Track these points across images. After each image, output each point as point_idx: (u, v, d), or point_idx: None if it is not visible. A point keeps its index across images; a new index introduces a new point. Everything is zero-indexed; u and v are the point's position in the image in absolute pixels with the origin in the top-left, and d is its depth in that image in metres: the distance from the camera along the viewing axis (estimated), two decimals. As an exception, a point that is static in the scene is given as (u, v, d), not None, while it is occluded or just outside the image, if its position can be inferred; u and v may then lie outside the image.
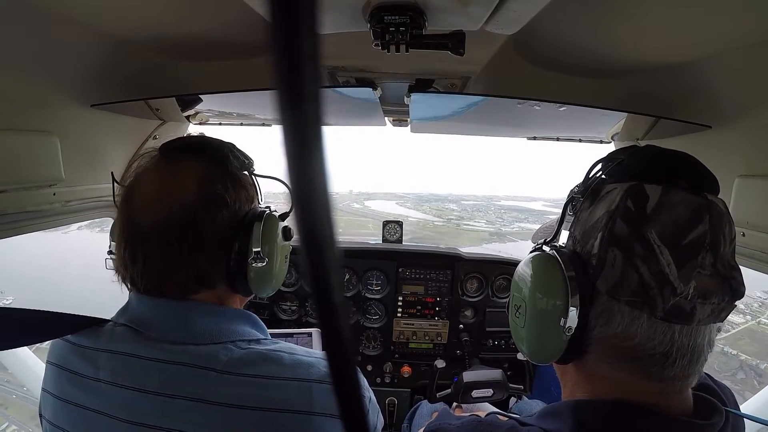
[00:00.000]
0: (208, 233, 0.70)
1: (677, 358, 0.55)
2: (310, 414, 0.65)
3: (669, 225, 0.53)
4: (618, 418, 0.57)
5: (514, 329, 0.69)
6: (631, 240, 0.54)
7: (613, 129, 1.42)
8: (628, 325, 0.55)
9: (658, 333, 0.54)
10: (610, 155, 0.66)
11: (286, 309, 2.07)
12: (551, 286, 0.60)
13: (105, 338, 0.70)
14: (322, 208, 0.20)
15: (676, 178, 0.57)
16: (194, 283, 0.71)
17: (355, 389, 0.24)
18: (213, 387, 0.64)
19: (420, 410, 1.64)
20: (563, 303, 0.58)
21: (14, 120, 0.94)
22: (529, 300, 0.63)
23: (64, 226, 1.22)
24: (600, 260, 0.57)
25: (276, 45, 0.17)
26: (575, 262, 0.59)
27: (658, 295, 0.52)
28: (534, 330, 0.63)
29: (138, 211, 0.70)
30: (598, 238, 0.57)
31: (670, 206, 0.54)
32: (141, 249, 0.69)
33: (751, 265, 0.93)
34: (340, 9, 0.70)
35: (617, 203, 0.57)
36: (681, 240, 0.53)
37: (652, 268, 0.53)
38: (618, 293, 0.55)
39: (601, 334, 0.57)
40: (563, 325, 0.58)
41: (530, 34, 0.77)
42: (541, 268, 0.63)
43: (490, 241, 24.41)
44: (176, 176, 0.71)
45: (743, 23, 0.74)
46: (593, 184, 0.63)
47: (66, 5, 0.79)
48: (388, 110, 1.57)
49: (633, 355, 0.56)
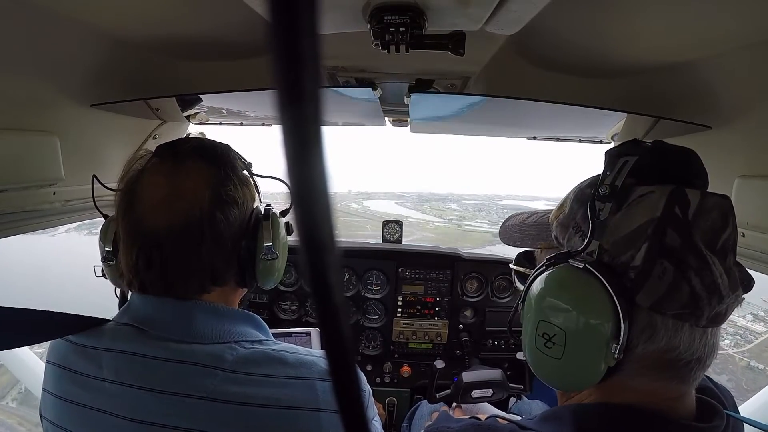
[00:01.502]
0: (225, 233, 0.72)
1: (707, 359, 0.54)
2: (317, 411, 0.66)
3: (707, 231, 0.51)
4: (622, 423, 0.56)
5: (543, 362, 0.58)
6: (683, 251, 0.50)
7: (613, 129, 1.42)
8: (671, 338, 0.52)
9: (696, 339, 0.53)
10: (619, 151, 0.60)
11: (286, 309, 2.07)
12: (598, 307, 0.52)
13: (108, 337, 0.70)
14: (322, 208, 0.20)
15: (694, 178, 0.57)
16: (210, 283, 0.73)
17: (354, 385, 0.24)
18: (220, 385, 0.64)
19: (420, 410, 1.64)
20: (613, 326, 0.52)
21: (14, 120, 0.94)
22: (569, 326, 0.54)
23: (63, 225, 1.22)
24: (643, 273, 0.52)
25: (276, 45, 0.17)
26: (611, 275, 0.53)
27: (707, 305, 0.50)
28: (577, 360, 0.55)
29: (147, 216, 0.70)
30: (642, 249, 0.52)
31: (707, 211, 0.52)
32: (158, 254, 0.69)
33: (751, 266, 0.93)
34: (340, 9, 0.70)
35: (663, 210, 0.51)
36: (716, 245, 0.51)
37: (706, 279, 0.50)
38: (664, 307, 0.51)
39: (644, 351, 0.53)
40: (614, 351, 0.52)
41: (530, 34, 0.77)
42: (581, 287, 0.54)
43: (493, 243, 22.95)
44: (186, 179, 0.72)
45: (743, 23, 0.74)
46: (621, 186, 0.56)
47: (66, 5, 0.79)
48: (388, 110, 1.57)
49: (673, 365, 0.54)
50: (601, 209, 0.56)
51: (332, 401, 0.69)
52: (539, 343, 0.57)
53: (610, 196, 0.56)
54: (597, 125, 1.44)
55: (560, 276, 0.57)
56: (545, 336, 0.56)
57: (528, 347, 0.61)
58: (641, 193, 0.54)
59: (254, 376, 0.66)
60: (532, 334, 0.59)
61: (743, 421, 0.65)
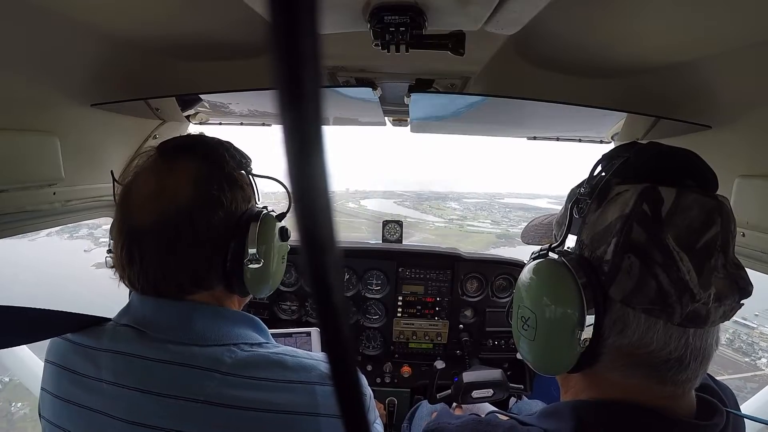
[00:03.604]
0: (204, 234, 0.70)
1: (691, 361, 0.54)
2: (316, 415, 0.66)
3: (684, 229, 0.52)
4: (621, 420, 0.56)
5: (522, 342, 0.65)
6: (649, 246, 0.52)
7: (613, 129, 1.42)
8: (644, 333, 0.53)
9: (674, 338, 0.53)
10: (613, 152, 0.63)
11: (286, 309, 2.07)
12: (564, 295, 0.56)
13: (107, 338, 0.70)
14: (322, 208, 0.20)
15: (684, 178, 0.56)
16: (190, 284, 0.71)
17: (355, 388, 0.24)
18: (218, 389, 0.64)
19: (420, 410, 1.64)
20: (578, 314, 0.55)
21: (14, 120, 0.94)
22: (539, 311, 0.59)
23: (63, 225, 1.22)
24: (614, 267, 0.54)
25: (276, 45, 0.17)
26: (585, 268, 0.56)
27: (677, 302, 0.51)
28: (546, 343, 0.60)
29: (135, 211, 0.70)
30: (611, 244, 0.54)
31: (684, 209, 0.52)
32: (137, 249, 0.69)
33: (751, 266, 0.93)
34: (340, 9, 0.70)
35: (632, 207, 0.54)
36: (695, 244, 0.51)
37: (672, 275, 0.51)
38: (634, 301, 0.53)
39: (616, 343, 0.55)
40: (579, 337, 0.55)
41: (530, 34, 0.77)
42: (551, 276, 0.59)
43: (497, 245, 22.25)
44: (171, 176, 0.71)
45: (743, 23, 0.74)
46: (600, 184, 0.59)
47: (66, 5, 0.79)
48: (388, 110, 1.56)
49: (648, 362, 0.55)
50: (583, 207, 0.60)
51: (332, 406, 0.68)
52: (519, 325, 0.64)
53: (590, 194, 0.60)
54: (597, 125, 1.44)
55: (538, 267, 0.63)
56: (523, 319, 0.63)
57: (514, 329, 0.67)
58: (618, 191, 0.57)
59: (253, 379, 0.65)
60: (516, 317, 0.66)
61: (744, 417, 0.66)
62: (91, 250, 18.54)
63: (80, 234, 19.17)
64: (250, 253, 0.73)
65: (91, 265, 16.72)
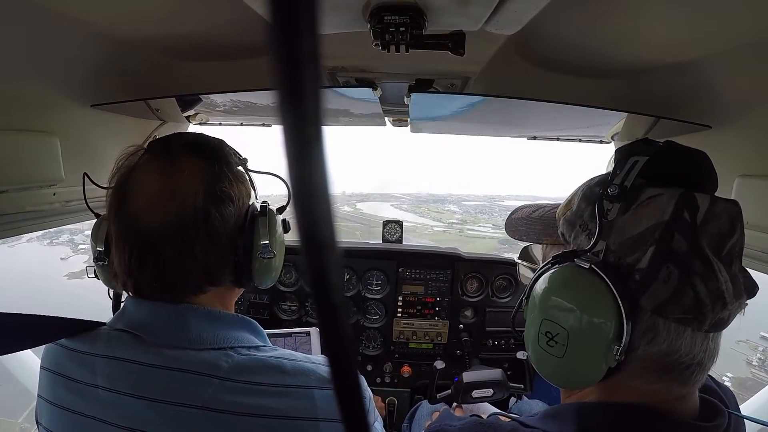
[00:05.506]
0: (221, 231, 0.70)
1: (708, 363, 0.54)
2: (315, 420, 0.65)
3: (714, 236, 0.51)
4: (626, 422, 0.56)
5: (544, 359, 0.58)
6: (690, 256, 0.50)
7: (613, 129, 1.42)
8: (673, 342, 0.52)
9: (698, 343, 0.53)
10: (630, 150, 0.59)
11: (286, 309, 2.07)
12: (603, 309, 0.52)
13: (102, 343, 0.68)
14: (323, 208, 0.20)
15: (705, 181, 0.56)
16: (206, 282, 0.71)
17: (355, 390, 0.24)
18: (215, 394, 0.63)
19: (420, 410, 1.64)
20: (616, 327, 0.52)
21: (14, 120, 0.94)
22: (572, 326, 0.54)
23: (62, 226, 1.22)
24: (648, 275, 0.51)
25: (276, 45, 0.17)
26: (616, 277, 0.53)
27: (710, 311, 0.50)
28: (578, 360, 0.55)
29: (141, 214, 0.68)
30: (648, 252, 0.51)
31: (716, 216, 0.51)
32: (151, 253, 0.67)
33: (751, 265, 0.93)
34: (340, 9, 0.69)
35: (671, 214, 0.51)
36: (722, 251, 0.51)
37: (711, 286, 0.49)
38: (667, 311, 0.51)
39: (645, 353, 0.53)
40: (615, 352, 0.52)
41: (530, 34, 0.77)
42: (589, 288, 0.54)
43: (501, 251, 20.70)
44: (180, 176, 0.70)
45: (743, 23, 0.74)
46: (629, 186, 0.55)
47: (66, 5, 0.79)
48: (388, 110, 1.56)
49: (673, 368, 0.53)
50: (609, 209, 0.55)
51: (330, 410, 0.66)
52: (542, 341, 0.58)
53: (619, 196, 0.55)
54: (597, 125, 1.44)
55: (565, 275, 0.57)
56: (548, 335, 0.57)
57: (531, 345, 0.61)
58: (650, 195, 0.54)
59: (250, 384, 0.64)
60: (535, 332, 0.59)
61: (745, 418, 0.66)
62: (68, 257, 17.70)
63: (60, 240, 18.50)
64: (262, 245, 0.75)
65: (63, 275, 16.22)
